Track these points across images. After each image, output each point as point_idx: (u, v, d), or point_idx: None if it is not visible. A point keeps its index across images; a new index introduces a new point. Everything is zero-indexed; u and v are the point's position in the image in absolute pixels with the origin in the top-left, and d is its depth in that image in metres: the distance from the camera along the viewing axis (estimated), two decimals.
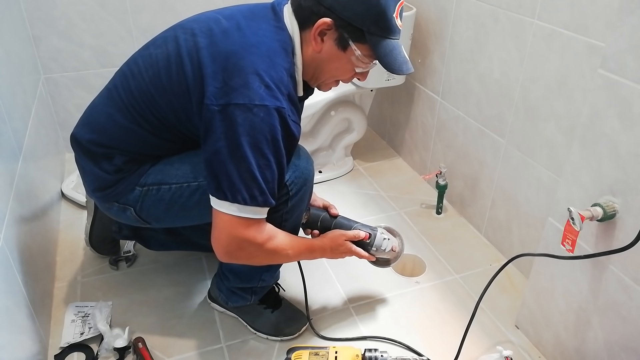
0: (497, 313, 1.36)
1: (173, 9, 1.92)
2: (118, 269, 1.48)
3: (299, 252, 1.13)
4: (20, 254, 1.13)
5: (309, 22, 1.01)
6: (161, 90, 1.03)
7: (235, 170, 0.95)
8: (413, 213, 1.77)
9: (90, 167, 1.12)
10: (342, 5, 0.97)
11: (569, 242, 1.00)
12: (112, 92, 1.10)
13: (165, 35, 1.08)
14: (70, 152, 2.02)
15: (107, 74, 1.94)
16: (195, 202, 1.11)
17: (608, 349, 1.03)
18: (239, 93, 0.93)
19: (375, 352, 1.14)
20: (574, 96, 1.21)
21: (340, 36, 1.00)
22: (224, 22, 1.02)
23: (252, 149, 0.94)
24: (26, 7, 1.75)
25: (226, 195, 0.96)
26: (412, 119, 1.98)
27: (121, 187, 1.11)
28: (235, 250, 1.02)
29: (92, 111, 1.15)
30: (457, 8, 1.57)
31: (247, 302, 1.27)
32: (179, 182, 1.10)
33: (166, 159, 1.13)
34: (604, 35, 1.09)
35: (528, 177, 1.41)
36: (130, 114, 1.07)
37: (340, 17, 0.98)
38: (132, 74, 1.07)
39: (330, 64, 1.06)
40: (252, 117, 0.93)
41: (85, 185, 1.18)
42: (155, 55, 1.05)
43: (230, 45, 0.97)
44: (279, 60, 0.98)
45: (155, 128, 1.07)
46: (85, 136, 1.12)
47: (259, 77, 0.94)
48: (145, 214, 1.15)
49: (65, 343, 1.23)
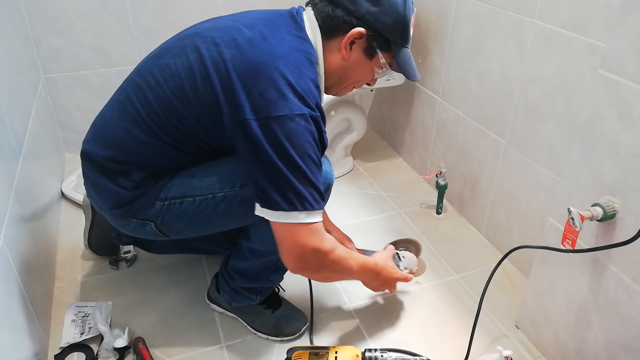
0: (497, 313, 1.36)
1: (173, 9, 1.92)
2: (118, 269, 1.48)
3: (359, 264, 1.14)
4: (20, 254, 1.13)
5: (338, 31, 1.05)
6: (185, 102, 1.00)
7: (295, 179, 0.95)
8: (413, 213, 1.77)
9: (106, 184, 1.07)
10: (373, 16, 1.03)
11: (569, 242, 1.00)
12: (126, 105, 1.06)
13: (182, 44, 1.04)
14: (70, 152, 2.04)
15: (107, 74, 1.97)
16: (221, 212, 1.09)
17: (608, 349, 1.03)
18: (278, 105, 0.93)
19: (375, 352, 1.14)
20: (574, 96, 1.21)
21: (369, 45, 1.06)
22: (246, 32, 1.00)
23: (301, 157, 0.95)
24: (26, 7, 1.75)
25: (295, 205, 0.96)
26: (412, 119, 1.98)
27: (141, 202, 1.08)
28: (308, 259, 1.02)
29: (103, 125, 1.10)
30: (457, 8, 1.57)
31: (252, 302, 1.26)
32: (203, 194, 1.08)
33: (185, 171, 1.09)
34: (604, 35, 1.09)
35: (528, 177, 1.41)
36: (149, 128, 1.03)
37: (372, 28, 1.04)
38: (149, 85, 1.03)
39: (356, 71, 1.11)
40: (295, 126, 0.94)
41: (99, 202, 1.13)
42: (174, 65, 1.01)
43: (259, 57, 0.96)
44: (306, 71, 0.99)
45: (177, 141, 1.04)
46: (100, 152, 1.07)
47: (292, 88, 0.95)
48: (166, 228, 1.12)
49: (65, 343, 1.23)
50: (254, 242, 1.16)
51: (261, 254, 1.17)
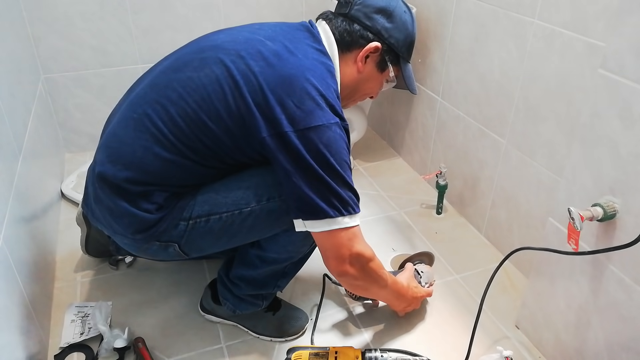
0: (497, 313, 1.36)
1: (173, 9, 1.92)
2: (118, 269, 1.48)
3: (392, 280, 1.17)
4: (20, 254, 1.13)
5: (355, 45, 1.12)
6: (215, 116, 0.98)
7: (337, 186, 0.98)
8: (413, 213, 1.77)
9: (126, 209, 1.02)
10: (388, 32, 1.13)
11: (573, 241, 1.00)
12: (145, 123, 1.01)
13: (202, 57, 1.02)
14: (70, 152, 2.04)
15: (107, 74, 1.97)
16: (247, 227, 1.07)
17: (608, 349, 1.03)
18: (315, 115, 0.96)
19: (375, 352, 1.14)
20: (574, 96, 1.21)
21: (382, 59, 1.15)
22: (270, 44, 1.01)
23: (339, 164, 0.98)
24: (26, 7, 1.75)
25: (340, 210, 0.99)
26: (412, 119, 1.98)
27: (164, 225, 1.04)
28: (352, 263, 1.04)
29: (119, 145, 1.04)
30: (457, 8, 1.57)
31: (258, 307, 1.25)
32: (229, 210, 1.05)
33: (207, 188, 1.06)
34: (604, 35, 1.09)
35: (528, 177, 1.41)
36: (173, 145, 1.00)
37: (386, 43, 1.13)
38: (170, 100, 0.99)
39: (367, 84, 1.19)
40: (332, 134, 0.97)
41: (116, 228, 1.07)
42: (198, 79, 0.99)
43: (289, 69, 0.98)
44: (330, 82, 1.02)
45: (202, 157, 1.02)
46: (120, 174, 1.01)
47: (324, 98, 0.98)
48: (189, 248, 1.10)
49: (65, 343, 1.23)
50: (267, 250, 1.15)
51: (273, 261, 1.16)
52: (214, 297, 1.28)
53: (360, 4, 1.12)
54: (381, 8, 1.12)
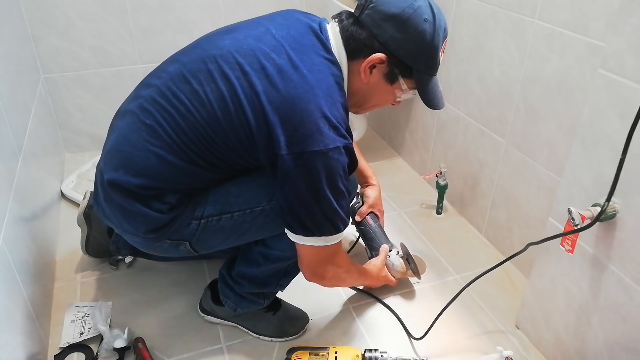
0: (497, 313, 1.36)
1: (173, 9, 1.92)
2: (118, 269, 1.48)
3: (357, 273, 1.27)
4: (20, 254, 1.13)
5: (360, 54, 1.02)
6: (220, 133, 0.99)
7: (319, 210, 0.99)
8: (413, 213, 1.77)
9: (139, 209, 1.03)
10: (397, 43, 1.00)
11: (569, 242, 1.00)
12: (157, 131, 1.01)
13: (207, 68, 1.00)
14: (70, 152, 2.04)
15: (107, 74, 1.97)
16: (257, 226, 1.10)
17: (608, 349, 1.03)
18: (313, 140, 0.94)
19: (375, 352, 1.14)
20: (574, 96, 1.21)
21: (390, 71, 1.04)
22: (274, 57, 0.97)
23: (330, 189, 0.98)
24: (26, 7, 1.75)
25: (313, 232, 1.01)
26: (412, 119, 1.98)
27: (177, 224, 1.06)
28: (323, 274, 1.13)
29: (130, 150, 1.03)
30: (457, 8, 1.57)
31: (260, 306, 1.25)
32: (241, 209, 1.07)
33: (218, 187, 1.08)
34: (604, 35, 1.09)
35: (528, 177, 1.41)
36: (186, 155, 1.01)
37: (394, 54, 1.01)
38: (179, 112, 0.99)
39: (376, 95, 1.10)
40: (328, 160, 0.96)
41: (128, 228, 1.07)
42: (204, 93, 0.98)
43: (292, 90, 0.95)
44: (336, 96, 0.99)
45: (213, 164, 1.04)
46: (132, 181, 1.02)
47: (327, 120, 0.95)
48: (200, 245, 1.12)
49: (65, 343, 1.23)
50: (271, 248, 1.16)
51: (277, 259, 1.17)
52: (213, 298, 1.28)
53: (371, 9, 1.00)
54: (393, 15, 0.98)
